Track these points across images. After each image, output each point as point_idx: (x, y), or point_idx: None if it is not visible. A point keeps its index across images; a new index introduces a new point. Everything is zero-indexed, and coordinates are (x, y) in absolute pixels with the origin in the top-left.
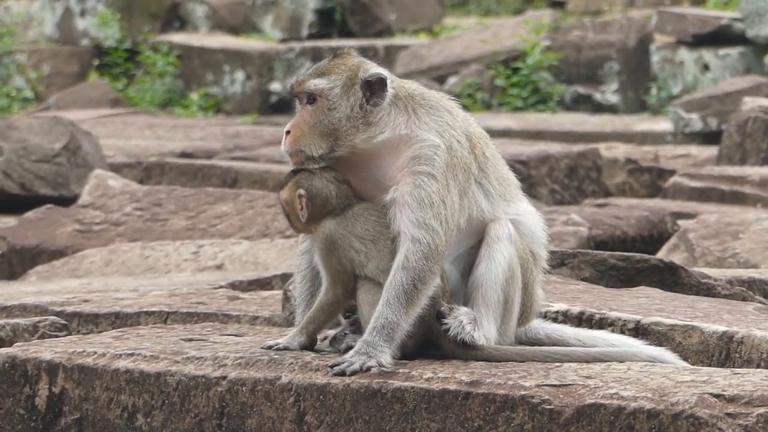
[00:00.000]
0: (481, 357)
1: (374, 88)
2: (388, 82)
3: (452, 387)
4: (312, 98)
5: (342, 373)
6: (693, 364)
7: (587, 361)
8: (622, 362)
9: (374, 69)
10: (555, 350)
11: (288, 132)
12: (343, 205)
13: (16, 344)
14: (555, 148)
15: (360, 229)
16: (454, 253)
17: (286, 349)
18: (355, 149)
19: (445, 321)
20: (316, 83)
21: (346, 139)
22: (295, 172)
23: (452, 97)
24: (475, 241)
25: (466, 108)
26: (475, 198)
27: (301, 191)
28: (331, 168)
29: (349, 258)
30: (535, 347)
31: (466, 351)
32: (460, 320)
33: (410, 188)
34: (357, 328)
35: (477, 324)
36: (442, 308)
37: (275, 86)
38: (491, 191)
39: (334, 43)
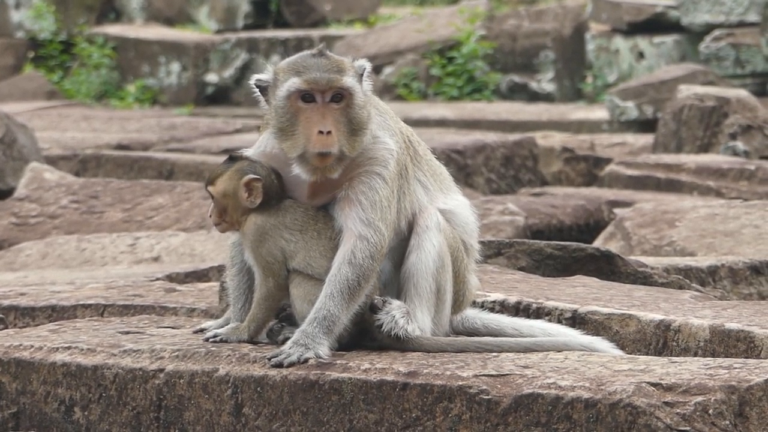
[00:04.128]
0: (415, 349)
1: (361, 80)
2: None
3: (390, 378)
4: (340, 96)
5: (279, 365)
6: (630, 353)
7: (521, 351)
8: (559, 352)
9: (358, 60)
10: (488, 341)
11: (329, 132)
12: (279, 196)
13: None
14: (491, 137)
15: (289, 220)
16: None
17: (223, 341)
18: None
19: (378, 316)
20: (349, 81)
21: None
22: (228, 164)
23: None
24: (406, 232)
25: (402, 98)
26: (417, 195)
27: (251, 176)
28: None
29: (279, 247)
30: (468, 338)
31: (400, 344)
32: (393, 315)
33: (365, 188)
34: (292, 321)
35: (410, 317)
36: (375, 301)
37: (211, 77)
38: (429, 187)
39: (270, 33)
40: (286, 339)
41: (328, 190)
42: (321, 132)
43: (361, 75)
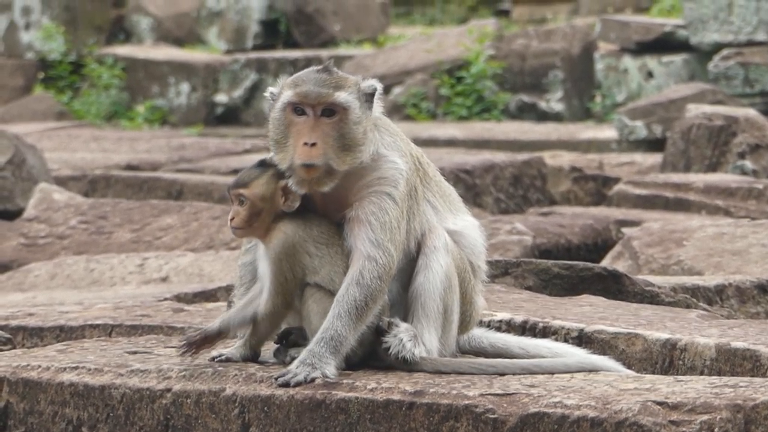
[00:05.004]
0: (422, 370)
1: (369, 100)
2: (378, 92)
3: (396, 397)
4: (332, 111)
5: (286, 384)
6: (636, 372)
7: (527, 373)
8: (567, 373)
9: (369, 80)
10: (497, 362)
11: (314, 144)
12: (304, 207)
13: None
14: (500, 156)
15: (317, 233)
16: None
17: (228, 360)
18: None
19: (385, 339)
20: (342, 96)
21: (361, 153)
22: (262, 168)
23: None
24: (415, 252)
25: (411, 118)
26: (426, 216)
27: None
28: None
29: (302, 265)
30: (476, 359)
31: (408, 366)
32: (400, 338)
33: (374, 208)
34: (296, 339)
35: (417, 340)
36: (381, 323)
37: (220, 98)
38: (438, 207)
39: (279, 54)
40: (293, 359)
41: (337, 209)
42: (306, 143)
43: (370, 94)
